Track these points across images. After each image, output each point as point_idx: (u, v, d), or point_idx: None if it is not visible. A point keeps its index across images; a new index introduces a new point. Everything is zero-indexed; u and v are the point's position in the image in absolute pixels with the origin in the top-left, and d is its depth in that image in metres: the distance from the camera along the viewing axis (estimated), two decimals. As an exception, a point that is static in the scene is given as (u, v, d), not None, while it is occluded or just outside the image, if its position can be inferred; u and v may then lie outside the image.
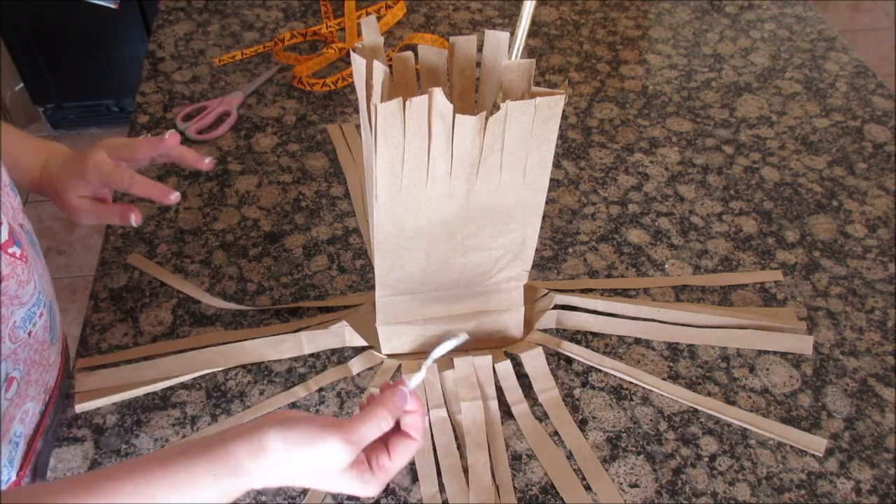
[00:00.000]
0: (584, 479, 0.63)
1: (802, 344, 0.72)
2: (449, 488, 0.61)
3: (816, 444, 0.65)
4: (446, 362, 0.68)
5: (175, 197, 0.67)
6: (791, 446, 0.65)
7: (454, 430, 0.65)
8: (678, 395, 0.68)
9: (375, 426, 0.51)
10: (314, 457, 0.49)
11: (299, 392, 0.68)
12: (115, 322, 0.73)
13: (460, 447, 0.64)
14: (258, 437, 0.48)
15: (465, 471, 0.62)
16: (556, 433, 0.66)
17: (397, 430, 0.53)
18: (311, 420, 0.50)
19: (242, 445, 0.48)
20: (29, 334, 0.62)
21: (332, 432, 0.49)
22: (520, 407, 0.67)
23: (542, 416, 0.67)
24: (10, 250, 0.58)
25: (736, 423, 0.66)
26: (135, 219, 0.66)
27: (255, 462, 0.48)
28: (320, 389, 0.68)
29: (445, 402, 0.66)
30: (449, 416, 0.66)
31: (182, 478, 0.47)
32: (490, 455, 0.63)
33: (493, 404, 0.67)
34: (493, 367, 0.69)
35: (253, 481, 0.49)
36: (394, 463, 0.52)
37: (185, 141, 0.92)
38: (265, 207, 0.85)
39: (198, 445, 0.49)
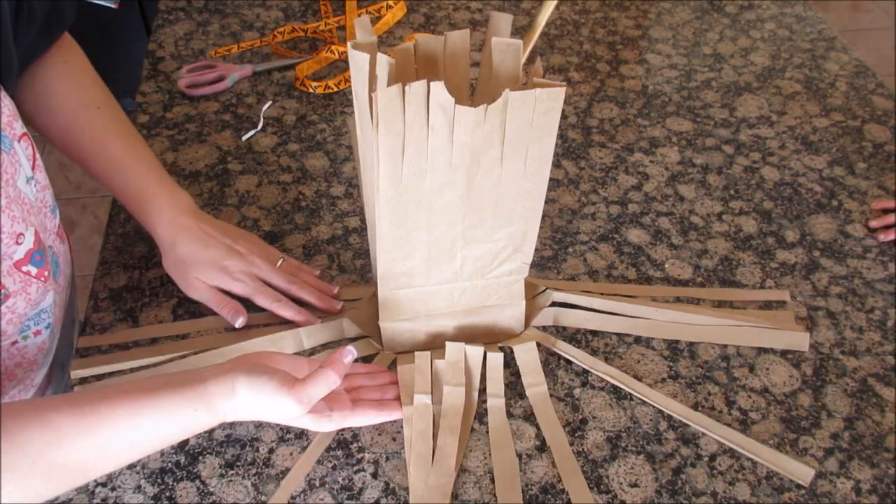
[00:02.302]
0: (559, 480, 0.62)
1: (799, 341, 0.72)
2: (412, 474, 0.61)
3: (804, 473, 0.63)
4: (440, 351, 0.69)
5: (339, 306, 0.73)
6: (791, 446, 0.65)
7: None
8: (668, 407, 0.67)
9: (323, 386, 0.57)
10: (274, 407, 0.56)
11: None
12: (115, 322, 0.73)
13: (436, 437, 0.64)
14: (231, 381, 0.54)
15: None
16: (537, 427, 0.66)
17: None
18: (273, 374, 0.55)
19: (218, 386, 0.54)
20: (13, 343, 0.62)
21: (286, 393, 0.55)
22: (495, 401, 0.67)
23: (526, 413, 0.67)
24: (24, 269, 0.59)
25: (727, 443, 0.65)
26: (240, 321, 0.70)
27: (227, 402, 0.54)
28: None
29: (431, 391, 0.66)
30: (432, 404, 0.66)
31: (166, 407, 0.53)
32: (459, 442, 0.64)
33: (476, 395, 0.67)
34: (485, 359, 0.69)
35: (226, 417, 0.55)
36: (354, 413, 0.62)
37: (176, 94, 0.94)
38: (265, 207, 0.85)
39: (179, 381, 0.54)
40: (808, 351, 0.72)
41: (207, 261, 0.70)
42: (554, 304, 0.74)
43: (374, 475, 0.63)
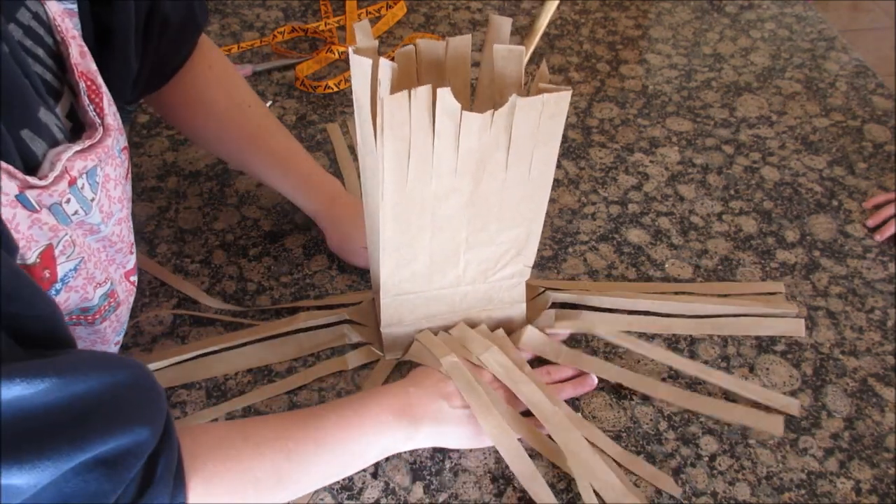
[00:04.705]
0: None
1: (795, 327, 0.73)
2: (488, 422, 0.62)
3: (774, 422, 0.66)
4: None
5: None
6: (791, 446, 0.65)
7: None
8: (667, 396, 0.68)
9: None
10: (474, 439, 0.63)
11: (302, 394, 0.68)
12: (115, 322, 0.73)
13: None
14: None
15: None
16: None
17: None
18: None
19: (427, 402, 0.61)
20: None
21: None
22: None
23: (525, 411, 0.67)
24: (132, 278, 0.61)
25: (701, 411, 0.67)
26: None
27: (436, 404, 0.61)
28: (320, 390, 0.68)
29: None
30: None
31: (376, 418, 0.59)
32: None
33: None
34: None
35: (421, 434, 0.60)
36: None
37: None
38: (265, 207, 0.85)
39: (387, 392, 0.61)
40: (808, 351, 0.72)
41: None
42: (553, 304, 0.74)
43: (374, 475, 0.63)
